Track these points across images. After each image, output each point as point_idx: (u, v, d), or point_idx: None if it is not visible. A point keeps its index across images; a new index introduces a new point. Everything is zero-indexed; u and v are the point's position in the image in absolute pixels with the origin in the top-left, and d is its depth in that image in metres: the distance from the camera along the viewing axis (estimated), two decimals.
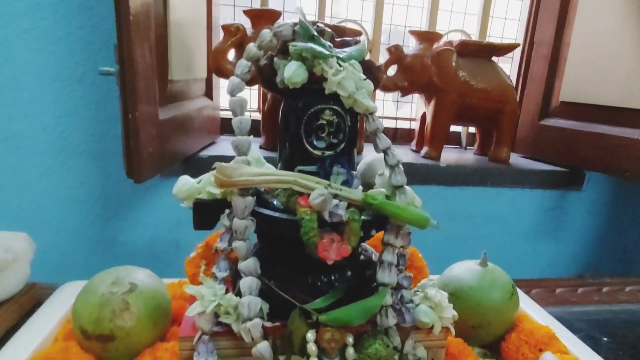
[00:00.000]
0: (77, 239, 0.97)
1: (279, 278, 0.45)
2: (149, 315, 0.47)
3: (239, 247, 0.41)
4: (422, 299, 0.45)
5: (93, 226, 0.97)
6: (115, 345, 0.45)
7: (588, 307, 0.69)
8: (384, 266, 0.43)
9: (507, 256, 1.12)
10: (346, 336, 0.40)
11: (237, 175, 0.40)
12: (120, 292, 0.46)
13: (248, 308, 0.40)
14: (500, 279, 0.53)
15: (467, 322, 0.51)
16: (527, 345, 0.50)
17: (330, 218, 0.41)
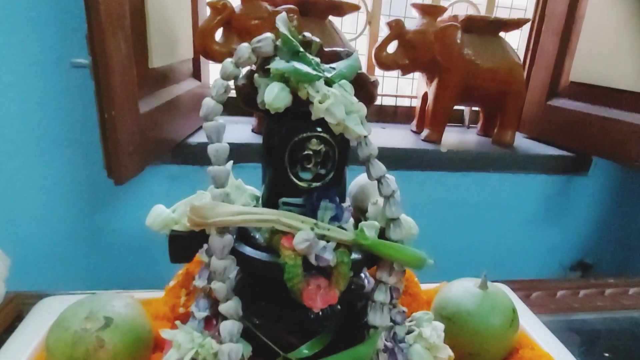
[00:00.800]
0: (63, 229, 0.94)
1: (263, 315, 0.42)
2: (127, 350, 0.44)
3: (218, 289, 0.38)
4: (417, 337, 0.42)
5: (80, 216, 0.94)
6: None
7: (590, 315, 0.67)
8: (376, 307, 0.40)
9: (508, 243, 1.09)
10: None
11: (213, 216, 0.36)
12: (94, 328, 0.43)
13: (228, 357, 0.37)
14: (501, 303, 0.50)
15: (463, 348, 0.49)
16: None
17: (317, 262, 0.37)
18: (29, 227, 0.92)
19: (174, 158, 0.92)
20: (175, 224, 0.42)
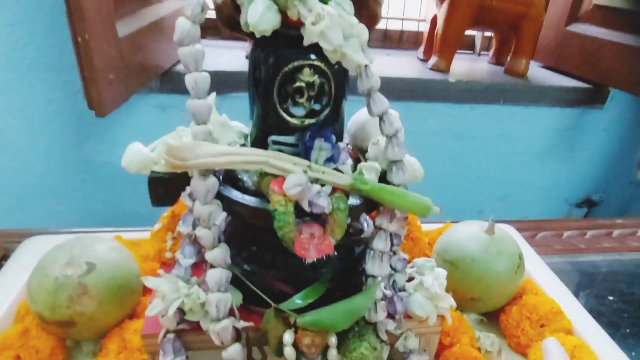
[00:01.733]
0: (51, 161, 0.91)
1: (254, 261, 0.39)
2: (113, 296, 0.42)
3: (203, 236, 0.35)
4: (417, 286, 0.40)
5: (67, 147, 0.90)
6: (77, 329, 0.41)
7: (596, 256, 0.64)
8: (375, 255, 0.37)
9: (514, 178, 1.06)
10: (328, 336, 0.36)
11: (193, 157, 0.32)
12: (75, 274, 0.40)
13: (216, 308, 0.34)
14: (507, 249, 0.47)
15: (465, 294, 0.47)
16: (528, 321, 0.46)
17: (310, 208, 0.33)
18: (13, 160, 0.88)
19: (163, 86, 0.86)
20: (155, 165, 0.38)
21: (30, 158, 0.89)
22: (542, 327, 0.46)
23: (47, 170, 0.91)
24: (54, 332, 0.42)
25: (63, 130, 0.88)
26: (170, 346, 0.36)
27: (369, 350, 0.35)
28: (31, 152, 0.89)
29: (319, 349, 0.35)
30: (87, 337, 0.43)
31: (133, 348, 0.41)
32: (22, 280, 0.47)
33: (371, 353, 0.35)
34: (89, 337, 0.43)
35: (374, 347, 0.36)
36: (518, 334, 0.46)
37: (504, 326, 0.48)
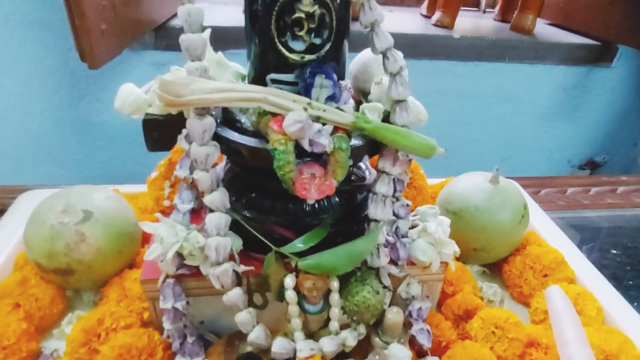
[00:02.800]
0: (47, 122, 0.89)
1: (254, 207, 0.38)
2: (111, 245, 0.41)
3: (201, 179, 0.34)
4: (421, 232, 0.39)
5: (62, 107, 0.88)
6: (76, 278, 0.41)
7: (600, 212, 0.64)
8: (377, 199, 0.36)
9: (517, 138, 1.04)
10: (331, 280, 0.35)
11: (188, 93, 0.31)
12: (72, 222, 0.40)
13: (216, 252, 0.34)
14: (512, 199, 0.46)
15: (468, 244, 0.46)
16: (531, 271, 0.46)
17: (311, 147, 0.32)
18: (7, 121, 0.86)
19: (158, 42, 0.83)
20: (149, 107, 0.36)
21: (25, 119, 0.88)
22: (546, 277, 0.45)
23: (43, 132, 0.89)
24: (54, 281, 0.41)
25: (57, 89, 0.86)
26: (170, 291, 0.36)
27: (371, 294, 0.35)
28: (26, 113, 0.87)
29: (321, 292, 0.34)
30: (87, 286, 0.42)
31: (133, 296, 0.41)
32: (19, 232, 0.47)
33: (373, 297, 0.35)
34: (89, 286, 0.42)
35: (377, 291, 0.35)
36: (521, 284, 0.46)
37: (507, 277, 0.48)
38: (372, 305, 0.35)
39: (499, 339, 0.38)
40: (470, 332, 0.40)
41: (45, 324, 0.40)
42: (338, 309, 0.35)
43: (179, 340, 0.37)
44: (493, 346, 0.38)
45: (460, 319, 0.42)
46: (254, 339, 0.34)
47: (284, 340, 0.34)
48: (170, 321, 0.36)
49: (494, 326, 0.39)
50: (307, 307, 0.35)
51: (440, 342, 0.39)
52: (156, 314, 0.38)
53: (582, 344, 0.36)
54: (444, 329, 0.40)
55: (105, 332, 0.37)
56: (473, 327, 0.40)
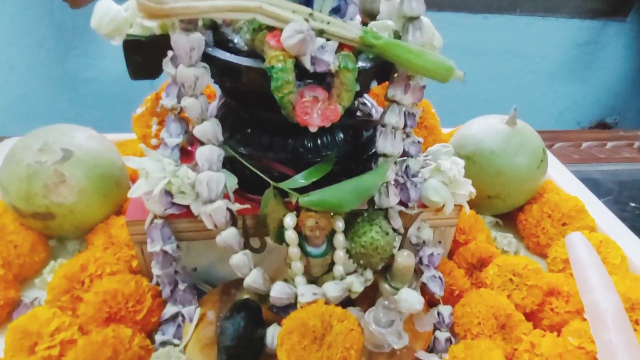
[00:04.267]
0: (34, 79, 0.85)
1: (250, 143, 0.35)
2: (95, 187, 0.38)
3: (190, 106, 0.30)
4: (433, 171, 0.35)
5: (49, 61, 0.83)
6: (57, 223, 0.37)
7: (617, 165, 0.60)
8: (387, 131, 0.32)
9: (525, 97, 1.00)
10: (335, 220, 0.32)
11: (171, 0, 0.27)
12: (50, 161, 0.36)
13: (207, 187, 0.30)
14: (530, 142, 0.43)
15: (483, 191, 0.43)
16: (549, 219, 0.42)
17: (313, 66, 0.28)
18: None
19: None
20: (130, 27, 0.32)
21: (10, 77, 0.83)
22: (564, 226, 0.42)
23: (30, 90, 0.85)
24: (34, 228, 0.38)
25: (42, 42, 0.81)
26: (159, 233, 0.33)
27: (380, 234, 0.31)
28: (10, 69, 0.83)
29: (324, 233, 0.31)
30: (71, 234, 0.39)
31: (120, 243, 0.37)
32: None
33: (382, 238, 0.31)
34: (73, 233, 0.39)
35: (386, 232, 0.32)
36: (538, 234, 0.43)
37: (522, 227, 0.44)
38: (380, 247, 0.31)
39: (517, 286, 0.35)
40: (486, 281, 0.37)
41: (25, 273, 0.37)
42: (343, 251, 0.32)
43: (169, 286, 0.34)
44: (510, 294, 0.35)
45: (474, 268, 0.39)
46: (251, 283, 0.31)
47: (283, 285, 0.31)
48: (159, 266, 0.33)
49: (512, 273, 0.36)
50: (309, 249, 0.32)
51: (453, 291, 0.37)
52: (145, 261, 0.35)
53: (607, 289, 0.33)
54: (457, 277, 0.37)
55: (90, 279, 0.34)
56: (488, 274, 0.37)
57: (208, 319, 0.34)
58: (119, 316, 0.32)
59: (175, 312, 0.34)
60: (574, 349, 0.31)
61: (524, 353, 0.32)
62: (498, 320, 0.34)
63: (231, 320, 0.29)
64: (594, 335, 0.31)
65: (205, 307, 0.35)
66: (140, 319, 0.32)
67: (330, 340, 0.28)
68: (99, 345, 0.29)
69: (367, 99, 0.40)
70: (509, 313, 0.34)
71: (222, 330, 0.29)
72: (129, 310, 0.32)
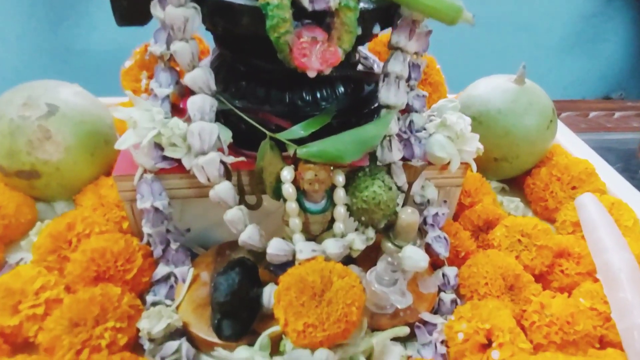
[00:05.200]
0: (25, 49, 0.82)
1: (245, 96, 0.33)
2: (82, 145, 0.36)
3: (180, 50, 0.28)
4: (439, 126, 0.34)
5: (40, 32, 0.81)
6: (44, 182, 0.36)
7: (625, 134, 0.58)
8: (390, 80, 0.30)
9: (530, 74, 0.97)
10: (335, 175, 0.30)
11: None
12: (35, 116, 0.34)
13: (200, 138, 0.29)
14: (539, 101, 0.41)
15: (489, 153, 0.41)
16: (558, 183, 0.41)
17: (311, 4, 0.26)
18: None
19: None
20: None
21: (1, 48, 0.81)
22: (574, 190, 0.41)
23: (22, 62, 0.82)
24: (19, 188, 0.36)
25: (33, 13, 0.79)
26: (148, 188, 0.31)
27: (382, 189, 0.30)
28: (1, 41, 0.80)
29: (323, 187, 0.29)
30: (58, 194, 0.37)
31: (110, 203, 0.36)
32: None
33: (385, 192, 0.30)
34: (60, 193, 0.37)
35: (389, 187, 0.30)
36: (546, 198, 0.41)
37: (530, 191, 0.43)
38: (383, 202, 0.30)
39: (526, 247, 0.34)
40: (493, 242, 0.35)
41: (10, 234, 0.36)
42: (343, 208, 0.31)
43: (161, 246, 0.32)
44: (519, 255, 0.34)
45: (480, 231, 0.37)
46: (246, 239, 0.29)
47: (281, 241, 0.30)
48: (150, 224, 0.32)
49: (520, 234, 0.34)
50: (307, 205, 0.30)
51: (459, 253, 0.35)
52: (135, 220, 0.34)
53: (621, 248, 0.32)
54: (463, 239, 0.35)
55: (77, 239, 0.32)
56: (496, 236, 0.35)
57: (202, 279, 0.32)
58: (108, 275, 0.30)
59: (167, 272, 0.32)
60: (586, 310, 0.30)
61: (534, 314, 0.30)
62: (506, 281, 0.32)
63: (225, 275, 0.28)
64: (607, 295, 0.30)
65: (199, 268, 0.33)
66: (130, 278, 0.31)
67: (330, 297, 0.26)
68: (86, 302, 0.28)
69: (369, 54, 0.38)
70: (517, 273, 0.32)
71: (216, 286, 0.28)
72: (119, 269, 0.30)
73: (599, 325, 0.30)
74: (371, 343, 0.27)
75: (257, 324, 0.29)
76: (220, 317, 0.28)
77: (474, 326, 0.28)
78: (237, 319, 0.28)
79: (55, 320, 0.27)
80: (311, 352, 0.26)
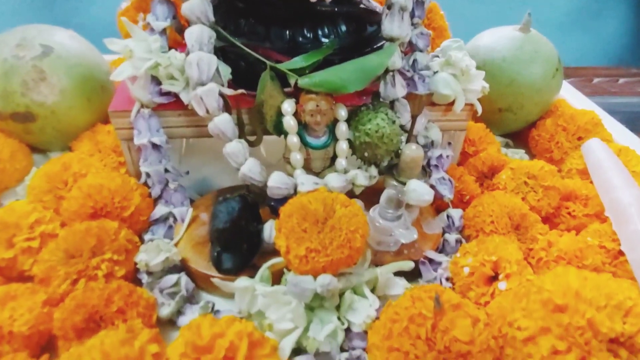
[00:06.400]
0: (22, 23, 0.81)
1: (245, 33, 0.32)
2: (77, 88, 0.35)
3: None
4: (443, 65, 0.33)
5: (37, 7, 0.80)
6: (39, 126, 0.35)
7: (630, 98, 0.58)
8: (394, 11, 0.29)
9: None
10: (337, 109, 0.29)
11: None
12: (29, 56, 0.33)
13: (198, 68, 0.28)
14: (544, 50, 0.40)
15: (494, 103, 0.40)
16: (564, 133, 0.40)
17: None
18: None
19: None
20: None
21: None
22: (580, 140, 0.40)
23: None
24: (15, 133, 0.36)
25: None
26: (146, 123, 0.30)
27: (385, 121, 0.29)
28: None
29: (325, 119, 0.29)
30: (54, 140, 0.37)
31: (107, 149, 0.35)
32: None
33: (388, 125, 0.29)
34: (56, 139, 0.36)
35: (392, 120, 0.29)
36: (552, 149, 0.40)
37: (535, 143, 0.42)
38: (386, 136, 0.29)
39: (532, 188, 0.33)
40: (499, 185, 0.34)
41: (5, 180, 0.35)
42: (345, 143, 0.30)
43: (159, 185, 0.32)
44: (525, 197, 0.33)
45: (484, 177, 0.37)
46: (247, 172, 0.28)
47: (282, 175, 0.29)
48: (147, 162, 0.31)
49: (526, 176, 0.34)
50: (309, 140, 0.29)
51: (463, 197, 0.34)
52: (132, 161, 0.33)
53: (630, 185, 0.31)
54: (467, 182, 0.35)
55: (73, 179, 0.32)
56: (501, 179, 0.34)
57: (201, 219, 0.32)
58: (105, 212, 0.29)
59: (166, 212, 0.31)
60: (594, 246, 0.29)
61: (541, 251, 0.30)
62: (512, 220, 0.31)
63: (225, 204, 0.27)
64: (617, 231, 0.29)
65: (198, 210, 0.32)
66: (127, 216, 0.30)
67: (333, 223, 0.25)
68: (82, 234, 0.27)
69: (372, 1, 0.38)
70: (524, 213, 0.31)
71: (215, 214, 0.27)
72: (116, 206, 0.30)
73: (607, 262, 0.29)
74: (375, 273, 0.27)
75: (257, 260, 0.28)
76: (219, 249, 0.27)
77: (480, 259, 0.28)
78: (237, 251, 0.28)
79: (50, 252, 0.27)
80: (314, 278, 0.25)
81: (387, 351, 0.22)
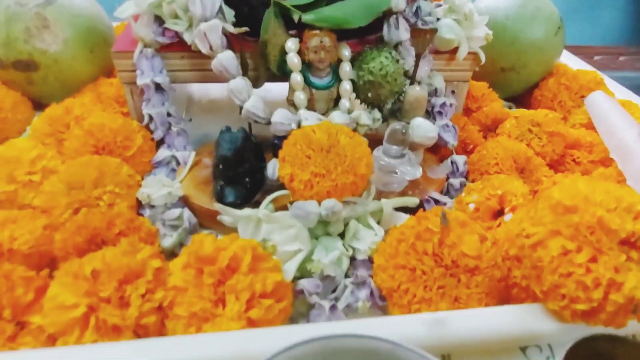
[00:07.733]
0: None
1: None
2: (80, 38, 0.35)
3: None
4: (447, 11, 0.33)
5: None
6: (41, 75, 0.35)
7: (630, 73, 0.58)
8: None
9: None
10: (341, 48, 0.29)
11: None
12: (32, 3, 0.33)
13: (202, 4, 0.28)
14: (546, 7, 0.40)
15: (496, 63, 0.40)
16: (567, 92, 0.40)
17: None
18: None
19: None
20: None
21: None
22: (582, 99, 0.40)
23: None
24: (17, 83, 0.35)
25: None
26: (149, 63, 0.30)
27: (389, 60, 0.29)
28: None
29: (329, 56, 0.28)
30: (56, 91, 0.36)
31: (109, 99, 0.35)
32: None
33: (392, 64, 0.29)
34: (59, 91, 0.36)
35: (396, 59, 0.29)
36: (554, 107, 0.40)
37: (537, 103, 0.42)
38: (390, 75, 0.29)
39: (537, 135, 0.33)
40: (503, 134, 0.34)
41: (7, 130, 0.35)
42: (349, 83, 0.30)
43: (162, 127, 0.31)
44: (529, 143, 0.33)
45: (488, 130, 0.37)
46: (250, 108, 0.28)
47: (285, 111, 0.29)
48: (150, 103, 0.31)
49: (531, 123, 0.33)
50: (312, 80, 0.29)
51: (467, 145, 0.34)
52: (135, 106, 0.33)
53: (634, 126, 0.31)
54: (471, 131, 0.34)
55: (75, 122, 0.31)
56: (505, 128, 0.34)
57: (204, 163, 0.31)
58: (107, 151, 0.29)
59: (168, 155, 0.31)
60: None
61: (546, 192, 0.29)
62: (517, 163, 0.31)
63: (229, 133, 0.27)
64: (622, 169, 0.29)
65: (201, 155, 0.32)
66: (129, 155, 0.30)
67: (337, 150, 0.25)
68: (84, 166, 0.27)
69: None
70: (528, 156, 0.31)
71: (219, 142, 0.27)
72: (118, 145, 0.29)
73: None
74: (381, 205, 0.26)
75: (261, 197, 0.28)
76: (223, 183, 0.27)
77: (486, 194, 0.27)
78: (240, 185, 0.27)
79: (52, 184, 0.26)
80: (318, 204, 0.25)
81: (393, 269, 0.22)
